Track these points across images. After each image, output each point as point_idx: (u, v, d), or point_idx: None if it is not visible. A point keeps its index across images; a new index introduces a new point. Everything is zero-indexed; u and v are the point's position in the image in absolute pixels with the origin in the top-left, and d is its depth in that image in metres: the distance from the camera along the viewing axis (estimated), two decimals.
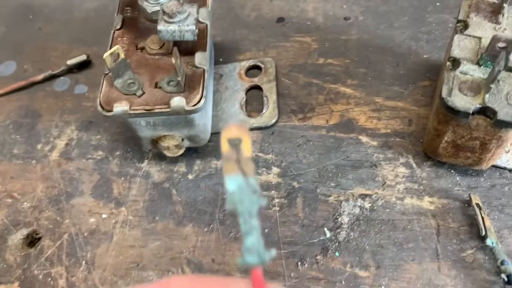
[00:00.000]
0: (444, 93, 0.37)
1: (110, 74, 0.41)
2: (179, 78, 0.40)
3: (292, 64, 0.54)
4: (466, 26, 0.41)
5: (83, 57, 0.56)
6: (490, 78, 0.36)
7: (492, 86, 0.36)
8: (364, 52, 0.54)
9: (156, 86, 0.42)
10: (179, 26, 0.40)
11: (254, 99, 0.52)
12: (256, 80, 0.52)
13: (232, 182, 0.21)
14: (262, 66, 0.53)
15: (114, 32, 0.46)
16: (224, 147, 0.22)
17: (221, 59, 0.55)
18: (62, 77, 0.57)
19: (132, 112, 0.40)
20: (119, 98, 0.41)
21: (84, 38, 0.60)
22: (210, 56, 0.47)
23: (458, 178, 0.44)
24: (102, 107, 0.41)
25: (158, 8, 0.44)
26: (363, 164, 0.46)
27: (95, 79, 0.56)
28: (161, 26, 0.40)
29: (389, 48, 0.53)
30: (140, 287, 0.26)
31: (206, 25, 0.45)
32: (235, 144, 0.21)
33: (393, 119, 0.49)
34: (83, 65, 0.57)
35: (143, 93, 0.41)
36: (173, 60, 0.38)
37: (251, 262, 0.20)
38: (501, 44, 0.36)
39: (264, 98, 0.51)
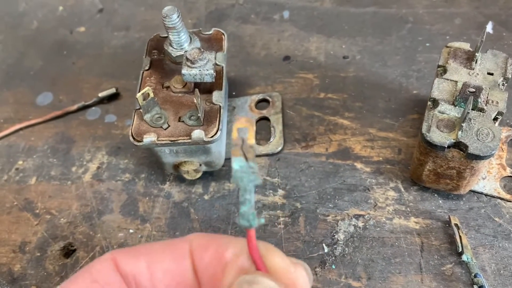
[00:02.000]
0: (424, 129, 0.44)
1: (140, 110, 0.48)
2: (199, 114, 0.47)
3: (297, 98, 0.61)
4: (445, 70, 0.48)
5: (112, 90, 0.64)
6: (462, 117, 0.43)
7: (464, 124, 0.43)
8: (360, 88, 0.61)
9: (179, 120, 0.49)
10: (199, 70, 0.48)
11: (262, 128, 0.59)
12: (264, 112, 0.60)
13: (237, 163, 0.25)
14: (270, 99, 0.60)
15: (143, 72, 0.53)
16: (234, 134, 0.26)
17: (234, 93, 0.63)
18: (93, 107, 0.64)
19: (159, 142, 0.48)
20: (148, 131, 0.48)
21: (113, 72, 0.68)
22: (225, 92, 0.54)
23: (440, 201, 0.51)
24: (134, 138, 0.48)
25: (181, 52, 0.52)
26: (357, 188, 0.53)
27: (123, 109, 0.64)
28: (184, 70, 0.48)
29: (383, 85, 0.60)
30: (163, 242, 0.31)
31: (222, 67, 0.52)
32: (242, 133, 0.26)
33: (385, 148, 0.55)
34: (112, 97, 0.65)
35: (168, 126, 0.49)
36: (195, 100, 0.45)
37: (244, 225, 0.26)
38: (470, 89, 0.43)
39: (272, 128, 0.58)
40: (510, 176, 0.51)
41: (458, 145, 0.43)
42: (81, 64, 0.70)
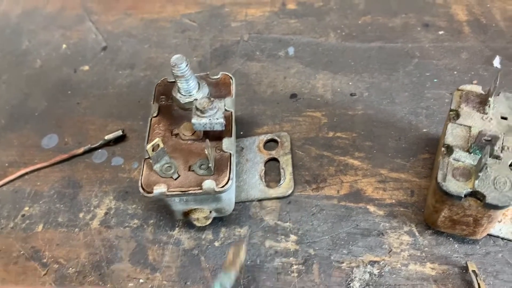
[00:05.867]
0: (439, 178, 0.43)
1: (150, 159, 0.48)
2: (210, 164, 0.46)
3: (305, 137, 0.60)
4: (457, 115, 0.47)
5: (119, 133, 0.63)
6: (479, 166, 0.42)
7: (481, 174, 0.42)
8: (369, 126, 0.60)
9: (189, 169, 0.48)
10: (209, 119, 0.47)
11: (272, 169, 0.58)
12: (273, 153, 0.59)
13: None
14: (279, 140, 0.60)
15: (151, 119, 0.53)
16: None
17: (241, 132, 0.62)
18: (100, 150, 0.64)
19: (169, 193, 0.47)
20: (158, 181, 0.47)
21: (118, 112, 0.67)
22: (234, 137, 0.54)
23: (456, 246, 0.50)
24: (143, 189, 0.47)
25: (190, 99, 0.51)
26: (371, 233, 0.52)
27: (130, 151, 0.63)
28: (194, 120, 0.47)
29: (392, 123, 0.60)
30: None
31: (231, 112, 0.52)
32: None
33: (397, 190, 0.54)
34: (119, 139, 0.64)
35: (179, 176, 0.48)
36: (206, 151, 0.45)
37: None
38: (486, 138, 0.43)
39: (281, 170, 0.57)
40: None
41: (475, 195, 0.42)
42: (86, 104, 0.69)
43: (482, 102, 0.47)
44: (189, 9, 0.78)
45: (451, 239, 0.50)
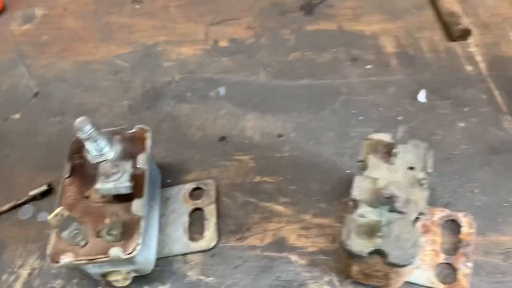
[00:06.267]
0: (343, 237, 0.43)
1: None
2: (115, 232, 0.45)
3: (232, 183, 0.60)
4: (365, 166, 0.47)
5: (43, 188, 0.62)
6: (379, 224, 0.42)
7: (381, 233, 0.42)
8: (295, 169, 0.60)
9: (98, 235, 0.47)
10: (114, 184, 0.46)
11: (197, 220, 0.57)
12: (199, 203, 0.58)
13: None
14: (204, 188, 0.59)
15: (64, 180, 0.52)
16: None
17: (169, 181, 0.61)
18: (26, 205, 0.62)
19: (76, 262, 0.46)
20: (65, 250, 0.46)
21: (47, 163, 0.66)
22: (151, 189, 0.53)
23: None
24: (52, 259, 0.46)
25: (100, 159, 0.51)
26: (292, 284, 0.51)
27: (56, 206, 0.62)
28: (99, 185, 0.46)
29: (317, 164, 0.59)
30: None
31: (144, 170, 0.51)
32: None
33: (320, 237, 0.54)
34: (46, 193, 0.63)
35: (87, 243, 0.47)
36: (107, 221, 0.44)
37: None
38: (385, 195, 0.42)
39: (205, 221, 0.56)
40: (445, 263, 0.50)
41: (378, 253, 0.42)
42: (15, 156, 0.68)
43: (389, 152, 0.47)
44: (122, 49, 0.77)
45: None
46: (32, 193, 0.62)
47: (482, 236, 0.51)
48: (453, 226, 0.52)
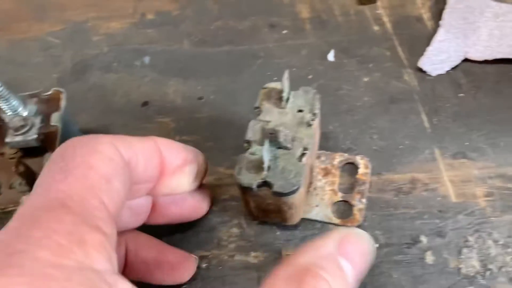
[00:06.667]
0: (235, 172, 0.46)
1: None
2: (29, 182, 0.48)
3: None
4: (260, 111, 0.51)
5: None
6: (263, 159, 0.45)
7: (269, 164, 0.45)
8: (212, 128, 0.63)
9: (10, 187, 0.50)
10: (23, 137, 0.49)
11: None
12: None
13: None
14: None
15: None
16: None
17: None
18: None
19: None
20: None
21: None
22: None
23: (278, 233, 0.53)
24: None
25: (16, 118, 0.53)
26: (202, 229, 0.55)
27: None
28: (8, 139, 0.49)
29: (233, 122, 0.63)
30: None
31: (57, 128, 0.54)
32: None
33: (231, 186, 0.57)
34: None
35: (0, 194, 0.50)
36: (13, 169, 0.47)
37: None
38: (270, 131, 0.46)
39: None
40: (342, 201, 0.54)
41: (266, 184, 0.45)
42: None
43: (281, 98, 0.51)
44: (54, 27, 0.80)
45: (274, 227, 0.53)
46: None
47: (377, 176, 0.55)
48: (351, 168, 0.56)
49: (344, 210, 0.53)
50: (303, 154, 0.47)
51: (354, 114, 0.61)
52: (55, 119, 0.54)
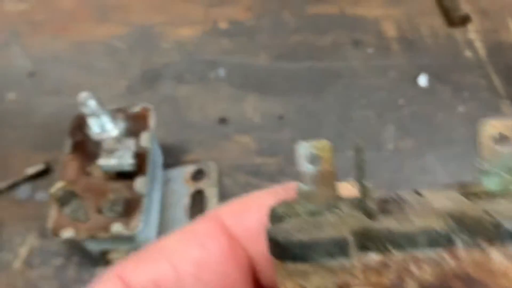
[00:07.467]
0: None
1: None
2: (118, 207, 0.45)
3: (233, 164, 0.60)
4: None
5: (41, 166, 0.61)
6: None
7: None
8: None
9: (99, 212, 0.47)
10: (118, 160, 0.46)
11: (198, 201, 0.57)
12: (200, 185, 0.58)
13: None
14: (205, 170, 0.59)
15: (65, 156, 0.51)
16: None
17: (169, 162, 0.61)
18: (23, 185, 0.62)
19: (77, 237, 0.45)
20: (66, 225, 0.46)
21: (44, 143, 0.65)
22: (153, 168, 0.53)
23: None
24: (53, 233, 0.46)
25: (103, 136, 0.50)
26: None
27: (54, 185, 0.61)
28: (102, 162, 0.46)
29: None
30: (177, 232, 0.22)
31: (147, 149, 0.50)
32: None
33: None
34: (43, 172, 0.62)
35: (88, 219, 0.46)
36: (111, 196, 0.43)
37: None
38: None
39: (206, 203, 0.56)
40: None
41: None
42: (11, 136, 0.67)
43: None
44: (119, 30, 0.76)
45: None
46: (29, 171, 0.61)
47: None
48: None
49: None
50: None
51: (453, 147, 0.57)
52: (145, 139, 0.51)
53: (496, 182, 0.17)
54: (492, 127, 0.17)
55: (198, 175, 0.59)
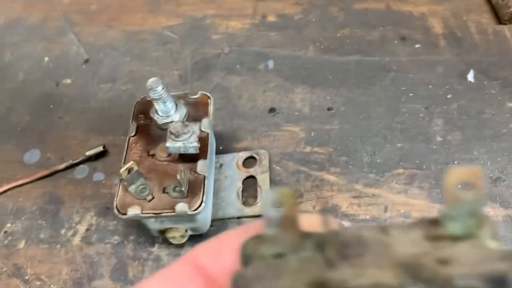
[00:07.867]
0: None
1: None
2: (183, 189, 0.47)
3: (283, 152, 0.62)
4: None
5: (100, 148, 0.64)
6: None
7: None
8: (345, 141, 0.61)
9: (164, 191, 0.49)
10: (183, 143, 0.48)
11: (250, 186, 0.59)
12: (251, 171, 0.60)
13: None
14: (257, 157, 0.61)
15: (129, 138, 0.54)
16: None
17: (221, 147, 0.63)
18: (81, 165, 0.65)
19: (143, 215, 0.48)
20: (132, 203, 0.48)
21: (100, 127, 0.68)
22: (211, 152, 0.55)
23: None
24: (118, 211, 0.49)
25: (167, 120, 0.52)
26: None
27: (111, 167, 0.64)
28: (169, 144, 0.48)
29: (367, 137, 0.61)
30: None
31: (208, 134, 0.53)
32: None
33: (371, 205, 0.56)
34: (100, 154, 0.65)
35: (153, 197, 0.49)
36: (178, 176, 0.46)
37: None
38: None
39: (258, 189, 0.58)
40: None
41: None
42: (68, 119, 0.70)
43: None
44: (171, 21, 0.79)
45: None
46: (88, 153, 0.64)
47: None
48: None
49: None
50: None
51: (501, 141, 0.58)
52: (206, 124, 0.53)
53: (459, 227, 0.18)
54: (455, 175, 0.18)
55: (249, 161, 0.61)
